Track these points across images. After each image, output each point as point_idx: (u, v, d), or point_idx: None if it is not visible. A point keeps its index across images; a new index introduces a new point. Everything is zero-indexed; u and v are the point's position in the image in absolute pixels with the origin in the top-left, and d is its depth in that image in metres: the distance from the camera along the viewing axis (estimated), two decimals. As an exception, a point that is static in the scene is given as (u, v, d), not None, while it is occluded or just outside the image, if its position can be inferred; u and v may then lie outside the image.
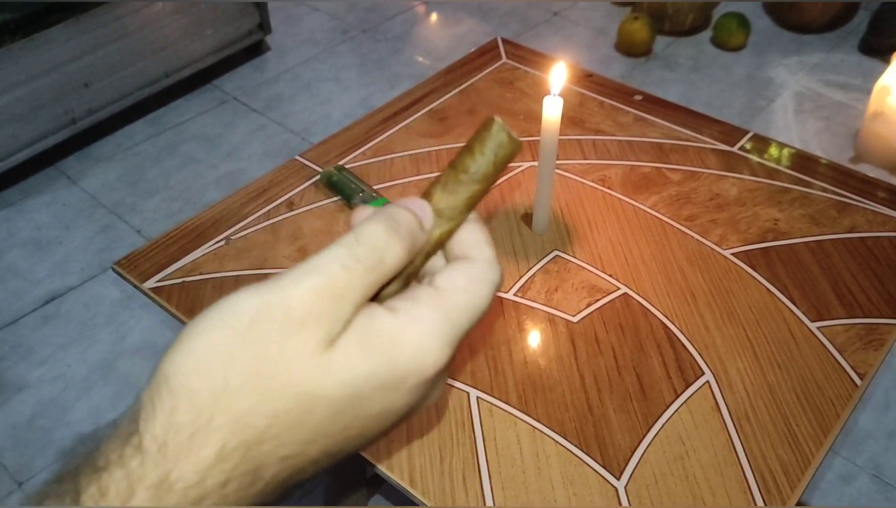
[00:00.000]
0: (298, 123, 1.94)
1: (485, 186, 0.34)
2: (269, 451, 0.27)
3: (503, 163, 0.34)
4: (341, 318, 0.28)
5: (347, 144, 0.88)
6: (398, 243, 0.31)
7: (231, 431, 0.27)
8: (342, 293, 0.29)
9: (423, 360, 0.30)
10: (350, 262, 0.29)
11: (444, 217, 0.34)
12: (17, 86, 1.63)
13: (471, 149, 0.34)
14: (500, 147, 0.33)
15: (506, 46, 1.04)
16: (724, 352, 0.65)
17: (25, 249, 1.61)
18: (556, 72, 0.68)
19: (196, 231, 0.77)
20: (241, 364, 0.27)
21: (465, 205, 0.34)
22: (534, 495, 0.55)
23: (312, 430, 0.28)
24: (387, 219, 0.31)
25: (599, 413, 0.60)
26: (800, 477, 0.56)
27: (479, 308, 0.32)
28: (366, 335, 0.29)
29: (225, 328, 0.28)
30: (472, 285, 0.32)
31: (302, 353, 0.28)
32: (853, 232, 0.76)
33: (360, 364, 0.28)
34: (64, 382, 1.37)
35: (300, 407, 0.28)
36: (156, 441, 0.26)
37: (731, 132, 0.89)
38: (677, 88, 2.02)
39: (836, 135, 1.86)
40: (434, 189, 0.34)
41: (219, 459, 0.26)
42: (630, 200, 0.80)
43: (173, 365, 0.27)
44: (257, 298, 0.28)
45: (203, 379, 0.27)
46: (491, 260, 0.33)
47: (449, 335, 0.31)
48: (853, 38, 2.20)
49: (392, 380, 0.29)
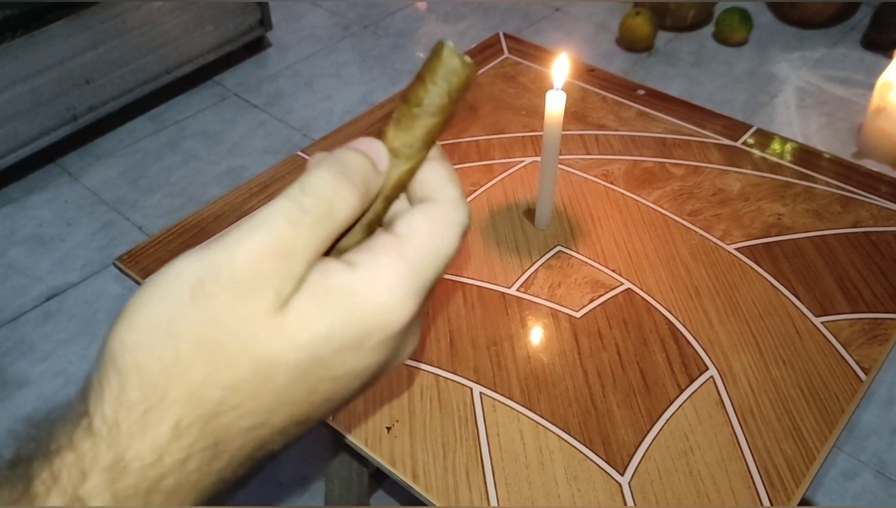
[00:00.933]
0: (300, 120, 1.94)
1: (442, 119, 0.31)
2: (228, 423, 0.26)
3: (458, 92, 0.31)
4: (292, 276, 0.26)
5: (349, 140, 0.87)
6: (349, 189, 0.28)
7: (186, 405, 0.25)
8: (290, 249, 0.26)
9: (386, 315, 0.27)
10: (296, 215, 0.26)
11: (402, 156, 0.30)
12: (19, 82, 1.63)
13: (422, 80, 0.30)
14: (452, 73, 0.30)
15: (508, 41, 1.04)
16: (727, 347, 0.65)
17: (27, 246, 1.61)
18: (559, 64, 0.67)
19: (198, 226, 0.77)
20: (188, 333, 0.25)
21: (423, 141, 0.31)
22: (537, 491, 0.55)
23: (273, 398, 0.26)
24: (334, 163, 0.28)
25: (603, 408, 0.60)
26: (804, 473, 0.56)
27: (444, 253, 0.29)
28: (321, 292, 0.27)
29: (169, 296, 0.26)
30: (436, 229, 0.29)
31: (253, 317, 0.26)
32: (857, 226, 0.76)
33: (317, 324, 0.26)
34: (65, 378, 1.37)
35: (257, 374, 0.26)
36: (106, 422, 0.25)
37: (734, 127, 0.89)
38: (679, 84, 2.02)
39: (839, 130, 1.85)
40: (387, 127, 0.31)
41: (175, 435, 0.25)
42: (633, 195, 0.80)
43: (118, 341, 0.26)
44: (200, 262, 0.26)
45: (151, 354, 0.25)
46: (455, 199, 0.30)
47: (413, 285, 0.28)
48: (856, 34, 2.19)
49: (354, 339, 0.27)
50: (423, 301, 0.29)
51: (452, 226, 0.30)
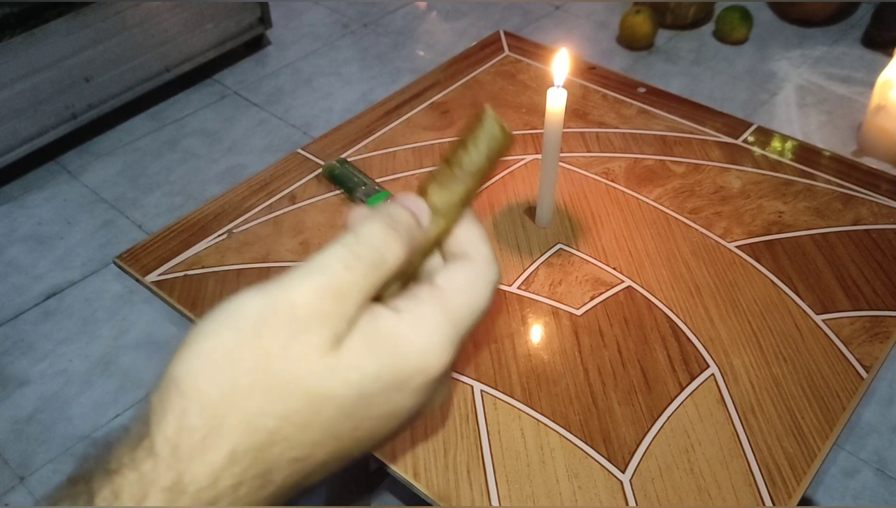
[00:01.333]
0: (299, 118, 1.94)
1: (479, 180, 0.34)
2: (279, 453, 0.27)
3: (496, 156, 0.34)
4: (346, 318, 0.28)
5: (349, 137, 0.87)
6: (397, 241, 0.30)
7: (242, 433, 0.26)
8: (346, 292, 0.28)
9: (428, 360, 0.29)
10: (352, 261, 0.29)
11: (440, 214, 0.33)
12: (18, 80, 1.62)
13: (464, 143, 0.33)
14: (492, 139, 0.33)
15: (508, 39, 1.04)
16: (728, 345, 0.65)
17: (26, 244, 1.61)
18: (559, 58, 0.67)
19: (198, 224, 0.77)
20: (249, 364, 0.27)
21: (461, 200, 0.33)
22: (538, 488, 0.55)
23: (322, 431, 0.28)
24: (385, 217, 0.31)
25: (604, 406, 0.60)
26: (805, 470, 0.56)
27: (479, 307, 0.32)
28: (371, 335, 0.29)
29: (231, 328, 0.27)
30: (472, 284, 0.32)
31: (309, 353, 0.27)
32: (858, 224, 0.76)
33: (367, 363, 0.28)
34: (65, 377, 1.36)
35: (309, 407, 0.27)
36: (168, 444, 0.26)
37: (735, 125, 0.89)
38: (679, 82, 2.02)
39: (839, 128, 1.85)
40: (429, 185, 0.34)
41: (230, 462, 0.26)
42: (634, 193, 0.80)
43: (181, 367, 0.27)
44: (262, 298, 0.28)
45: (212, 381, 0.27)
46: (489, 257, 0.33)
47: (452, 334, 0.30)
48: (856, 32, 2.19)
49: (398, 380, 0.29)
50: (458, 351, 0.31)
51: (487, 282, 0.32)
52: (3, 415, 1.31)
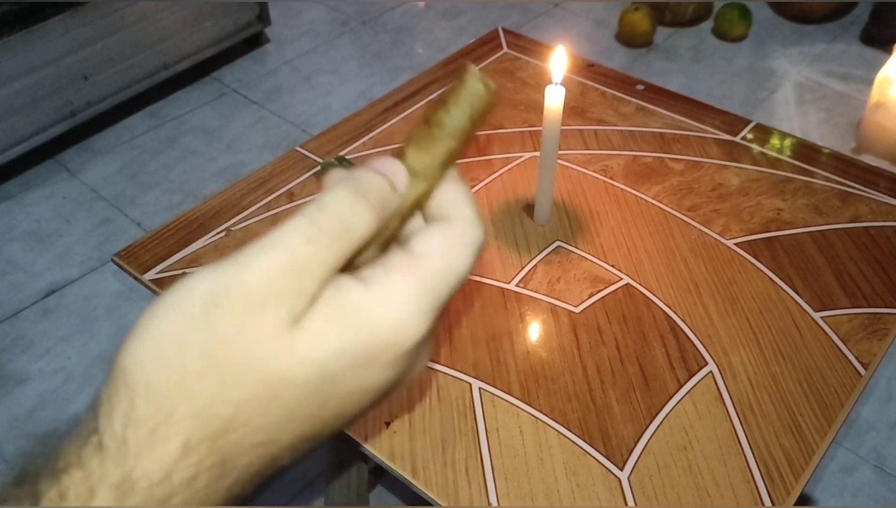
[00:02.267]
0: (298, 115, 1.94)
1: (462, 142, 0.31)
2: (237, 440, 0.26)
3: (480, 116, 0.31)
4: (305, 293, 0.26)
5: (348, 135, 0.87)
6: (365, 208, 0.28)
7: (194, 423, 0.25)
8: (305, 266, 0.26)
9: (399, 333, 0.27)
10: (312, 233, 0.27)
11: (421, 176, 0.31)
12: (16, 78, 1.62)
13: (444, 102, 0.31)
14: (475, 98, 0.31)
15: (507, 36, 1.04)
16: (727, 342, 0.65)
17: (25, 242, 1.61)
18: (557, 57, 0.67)
19: (196, 222, 0.77)
20: (199, 349, 0.25)
21: (442, 162, 0.31)
22: (536, 486, 0.55)
23: (283, 415, 0.26)
24: (352, 183, 0.29)
25: (602, 403, 0.60)
26: (804, 467, 0.56)
27: (459, 272, 0.29)
28: (334, 309, 0.27)
29: (180, 312, 0.26)
30: (451, 248, 0.29)
31: (264, 333, 0.26)
32: (856, 221, 0.76)
33: (329, 341, 0.26)
34: (64, 375, 1.36)
35: (267, 391, 0.26)
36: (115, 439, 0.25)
37: (734, 122, 0.89)
38: (678, 79, 2.02)
39: (838, 126, 1.85)
40: (407, 148, 0.31)
41: (184, 453, 0.25)
42: (632, 190, 0.80)
43: (128, 357, 0.25)
44: (213, 278, 0.26)
45: (160, 370, 0.25)
46: (471, 219, 0.31)
47: (426, 303, 0.28)
48: (855, 29, 2.19)
49: (366, 356, 0.27)
50: (435, 319, 0.29)
51: (468, 245, 0.30)
52: (2, 413, 1.31)
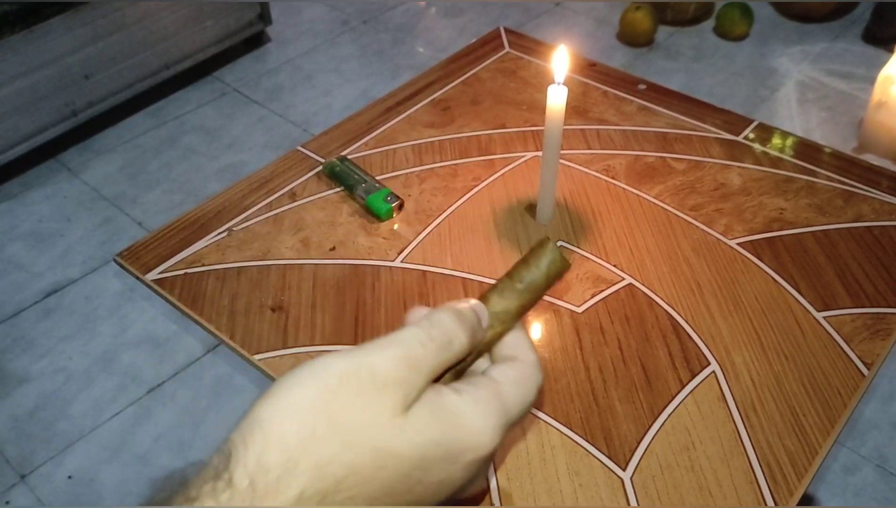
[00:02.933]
0: (299, 115, 1.94)
1: (535, 297, 0.38)
2: (340, 502, 0.29)
3: (554, 278, 0.38)
4: (416, 387, 0.32)
5: (349, 135, 0.87)
6: (463, 331, 0.35)
7: (312, 477, 0.28)
8: (418, 364, 0.32)
9: (481, 438, 0.33)
10: (426, 339, 0.33)
11: (498, 320, 0.38)
12: (18, 78, 1.62)
13: (527, 262, 0.38)
14: (552, 263, 0.38)
15: (508, 36, 1.04)
16: (729, 343, 0.64)
17: (26, 242, 1.61)
18: (558, 55, 0.67)
19: (198, 222, 0.77)
20: (328, 415, 0.30)
21: (517, 311, 0.38)
22: (539, 486, 0.55)
23: (381, 487, 0.30)
24: (455, 310, 0.36)
25: (605, 404, 0.60)
26: (807, 468, 0.56)
27: (527, 402, 0.36)
28: (435, 406, 0.32)
29: (317, 382, 0.30)
30: (524, 381, 0.36)
31: (382, 412, 0.31)
32: (859, 221, 0.76)
33: (430, 430, 0.32)
34: (66, 375, 1.37)
35: (375, 461, 0.30)
36: (246, 478, 0.28)
37: (736, 121, 0.88)
38: (679, 78, 2.02)
39: (840, 125, 1.85)
40: (491, 294, 0.38)
41: (297, 502, 0.28)
42: (634, 190, 0.79)
43: (267, 410, 0.30)
44: (347, 360, 0.31)
45: (293, 425, 0.29)
46: (536, 363, 0.37)
47: (503, 420, 0.34)
48: (857, 28, 2.19)
49: (454, 451, 0.32)
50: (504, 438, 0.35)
51: (535, 382, 0.37)
52: (3, 413, 1.31)
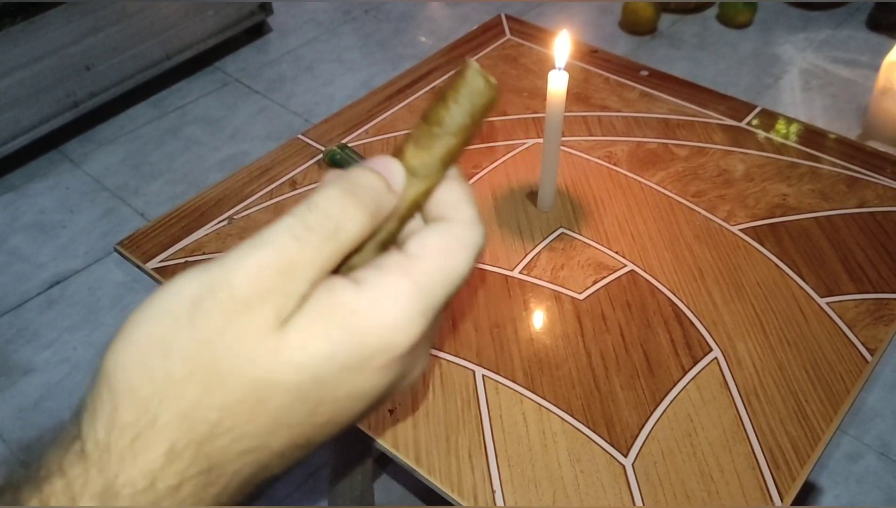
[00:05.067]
0: (301, 105, 1.93)
1: (462, 139, 0.30)
2: (224, 446, 0.25)
3: (481, 113, 0.30)
4: (294, 294, 0.25)
5: (350, 123, 0.87)
6: (357, 208, 0.27)
7: (179, 428, 0.24)
8: (293, 266, 0.25)
9: (391, 336, 0.26)
10: (301, 232, 0.26)
11: (419, 175, 0.30)
12: (19, 69, 1.62)
13: (444, 99, 0.30)
14: (476, 94, 0.30)
15: (510, 23, 1.03)
16: (732, 329, 0.64)
17: (29, 233, 1.61)
18: (560, 41, 0.67)
19: (199, 211, 0.76)
20: (183, 353, 0.24)
21: (442, 161, 0.30)
22: (540, 473, 0.55)
23: (271, 420, 0.25)
24: (344, 182, 0.28)
25: (606, 390, 0.60)
26: (809, 454, 0.56)
27: (456, 274, 0.28)
28: (324, 311, 0.26)
29: (165, 315, 0.25)
30: (448, 249, 0.28)
31: (249, 335, 0.25)
32: (863, 206, 0.75)
33: (318, 343, 0.25)
34: (70, 365, 1.37)
35: (253, 395, 0.25)
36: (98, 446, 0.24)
37: (739, 107, 0.88)
38: (683, 66, 2.01)
39: (844, 112, 1.84)
40: (406, 145, 0.30)
41: (168, 460, 0.24)
42: (636, 177, 0.79)
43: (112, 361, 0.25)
44: (199, 280, 0.25)
45: (144, 374, 0.24)
46: (470, 220, 0.29)
47: (421, 306, 0.27)
48: (861, 14, 2.17)
49: (357, 359, 0.26)
50: (431, 322, 0.28)
51: (466, 246, 0.29)
52: (8, 403, 1.31)
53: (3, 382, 1.34)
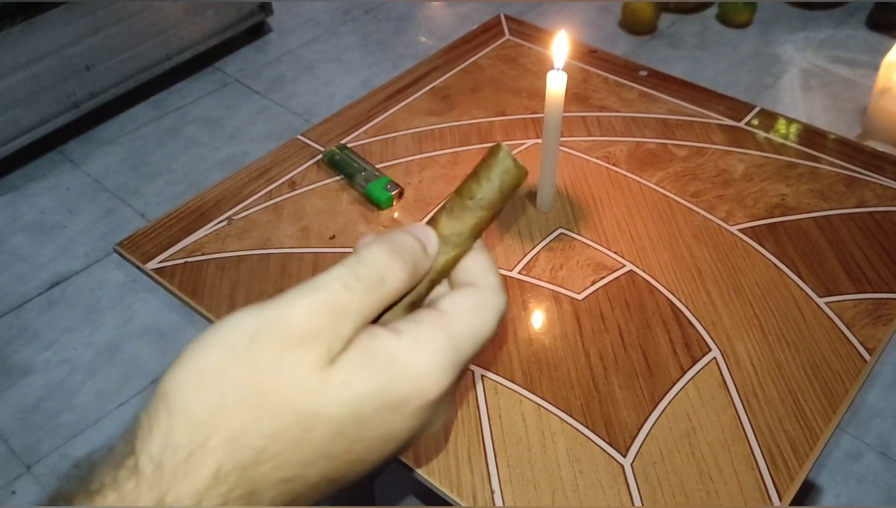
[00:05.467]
0: (301, 105, 1.93)
1: (491, 213, 0.34)
2: (266, 473, 0.26)
3: (509, 190, 0.34)
4: (342, 336, 0.28)
5: (349, 123, 0.87)
6: (399, 265, 0.30)
7: (227, 451, 0.26)
8: (343, 311, 0.28)
9: (425, 383, 0.29)
10: (351, 281, 0.29)
11: (450, 243, 0.34)
12: (19, 69, 1.62)
13: (476, 176, 0.34)
14: (505, 173, 0.33)
15: (509, 23, 1.03)
16: (731, 329, 0.64)
17: (29, 233, 1.61)
18: (558, 41, 0.67)
19: (198, 211, 0.77)
20: (238, 381, 0.26)
21: (471, 231, 0.34)
22: (539, 473, 0.55)
23: (312, 451, 0.27)
24: (389, 241, 0.31)
25: (605, 390, 0.60)
26: (808, 454, 0.56)
27: (483, 333, 0.32)
28: (367, 354, 0.28)
29: (224, 345, 0.27)
30: (477, 309, 0.32)
31: (301, 370, 0.27)
32: (862, 206, 0.75)
33: (362, 382, 0.28)
34: (70, 365, 1.37)
35: (299, 425, 0.27)
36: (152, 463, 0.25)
37: (738, 107, 0.88)
38: (682, 66, 2.01)
39: (844, 111, 1.84)
40: (440, 215, 0.34)
41: (215, 481, 0.26)
42: (635, 177, 0.79)
43: (171, 383, 0.26)
44: (257, 316, 0.27)
45: (200, 397, 0.26)
46: (496, 286, 0.33)
47: (452, 358, 0.30)
48: (860, 14, 2.17)
49: (394, 401, 0.28)
50: (458, 376, 0.31)
51: (493, 310, 0.32)
52: (8, 404, 1.31)
53: (3, 382, 1.34)
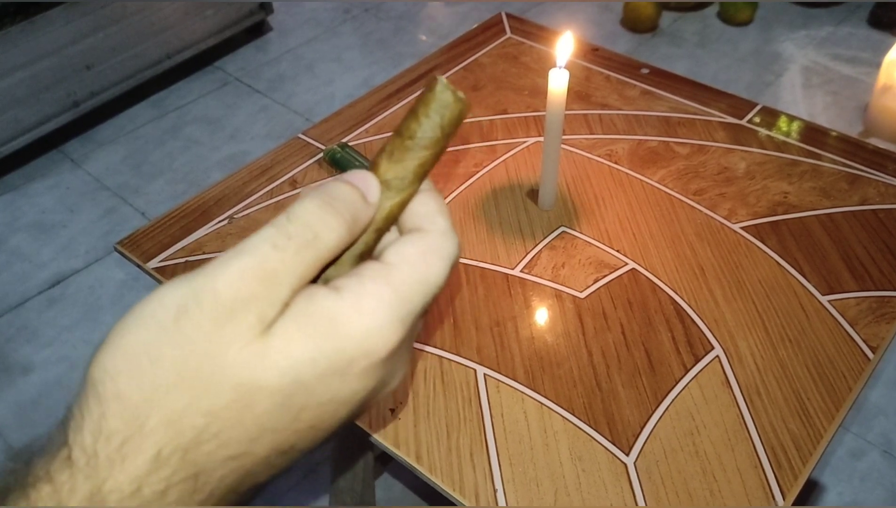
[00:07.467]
0: (301, 104, 1.93)
1: (434, 152, 0.32)
2: (210, 452, 0.25)
3: (451, 126, 0.31)
4: (276, 301, 0.26)
5: (350, 122, 0.87)
6: (334, 217, 0.28)
7: (165, 434, 0.24)
8: (274, 273, 0.26)
9: (371, 341, 0.27)
10: (280, 240, 0.27)
11: (394, 188, 0.31)
12: (19, 68, 1.62)
13: (415, 114, 0.31)
14: (445, 108, 0.31)
15: (510, 21, 1.03)
16: (733, 327, 0.64)
17: (30, 233, 1.61)
18: (563, 42, 0.66)
19: (199, 210, 0.76)
20: (170, 360, 0.25)
21: (415, 173, 0.31)
22: (542, 471, 0.55)
23: (256, 426, 0.26)
24: (321, 194, 0.29)
25: (608, 389, 0.60)
26: (811, 452, 0.55)
27: (432, 282, 0.30)
28: (305, 317, 0.26)
29: (151, 323, 0.25)
30: (425, 258, 0.30)
31: (234, 341, 0.25)
32: (864, 204, 0.75)
33: (301, 348, 0.26)
34: (69, 363, 1.37)
35: (239, 400, 0.25)
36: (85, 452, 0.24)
37: (740, 105, 0.88)
38: (683, 64, 2.00)
39: (845, 109, 1.84)
40: (380, 159, 0.32)
41: (155, 466, 0.24)
42: (637, 175, 0.79)
43: (100, 368, 0.25)
44: (183, 288, 0.26)
45: (131, 381, 0.25)
46: (445, 230, 0.31)
47: (400, 312, 0.28)
48: (862, 12, 2.17)
49: (339, 365, 0.27)
50: (410, 329, 0.29)
51: (441, 256, 0.30)
52: (8, 401, 1.31)
53: (3, 381, 1.34)
